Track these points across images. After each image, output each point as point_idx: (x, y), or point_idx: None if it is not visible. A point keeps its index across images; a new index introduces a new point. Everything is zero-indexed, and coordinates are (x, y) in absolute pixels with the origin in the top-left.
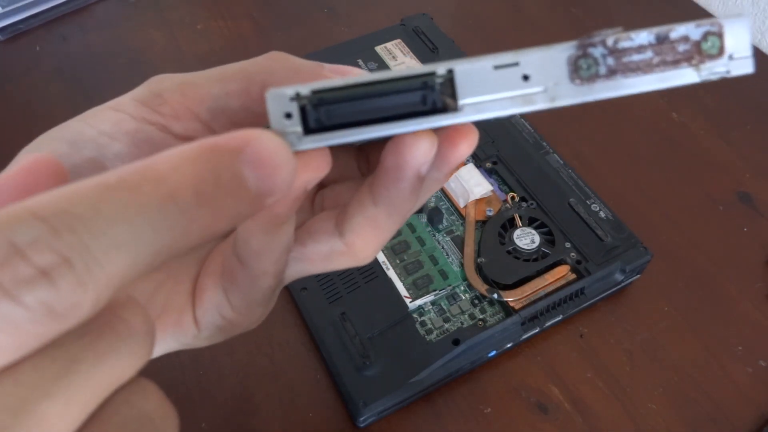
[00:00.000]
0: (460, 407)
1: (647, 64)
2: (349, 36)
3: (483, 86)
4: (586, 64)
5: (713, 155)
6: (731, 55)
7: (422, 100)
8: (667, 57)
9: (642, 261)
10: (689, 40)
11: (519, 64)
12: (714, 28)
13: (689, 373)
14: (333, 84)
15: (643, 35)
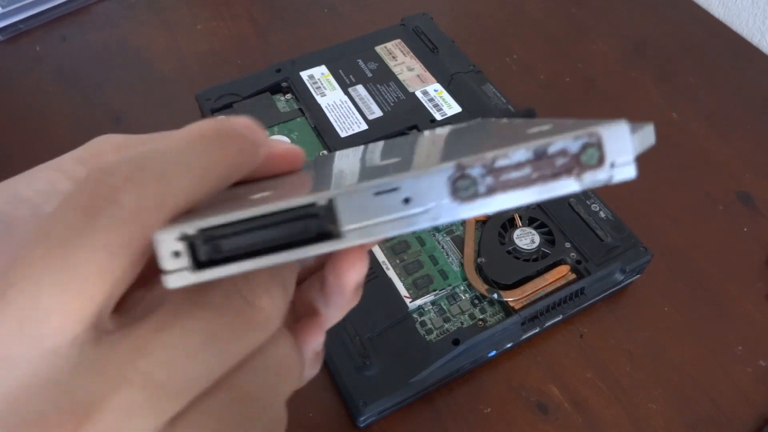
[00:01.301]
0: (460, 407)
1: (526, 179)
2: (349, 36)
3: (365, 212)
4: (465, 185)
5: (713, 155)
6: (613, 162)
7: (306, 229)
8: (545, 172)
9: (642, 261)
10: (568, 154)
11: (399, 189)
12: (592, 140)
13: (689, 373)
14: (219, 221)
15: (520, 153)
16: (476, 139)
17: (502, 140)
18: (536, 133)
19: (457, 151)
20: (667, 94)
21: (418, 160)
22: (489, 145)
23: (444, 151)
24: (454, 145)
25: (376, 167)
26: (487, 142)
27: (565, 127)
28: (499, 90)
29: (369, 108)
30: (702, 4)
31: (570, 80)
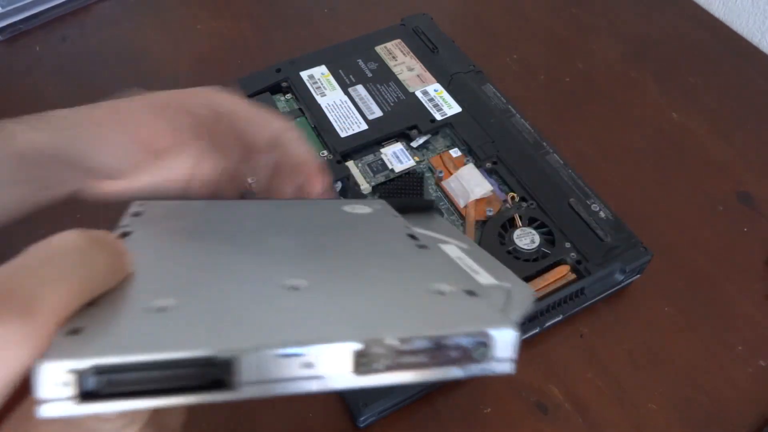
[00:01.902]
0: (460, 407)
1: (419, 364)
2: (349, 36)
3: (265, 371)
4: (367, 360)
5: (713, 155)
6: (497, 359)
7: (203, 378)
8: (439, 360)
9: (642, 261)
10: (461, 348)
11: (304, 355)
12: (485, 340)
13: (689, 373)
14: (115, 361)
15: (423, 342)
16: (379, 291)
17: (406, 300)
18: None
19: (362, 311)
20: (667, 94)
21: (324, 317)
22: (394, 312)
23: (349, 307)
24: (358, 295)
25: (278, 306)
26: (392, 300)
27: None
28: (499, 90)
29: (369, 108)
30: (702, 4)
31: (570, 80)
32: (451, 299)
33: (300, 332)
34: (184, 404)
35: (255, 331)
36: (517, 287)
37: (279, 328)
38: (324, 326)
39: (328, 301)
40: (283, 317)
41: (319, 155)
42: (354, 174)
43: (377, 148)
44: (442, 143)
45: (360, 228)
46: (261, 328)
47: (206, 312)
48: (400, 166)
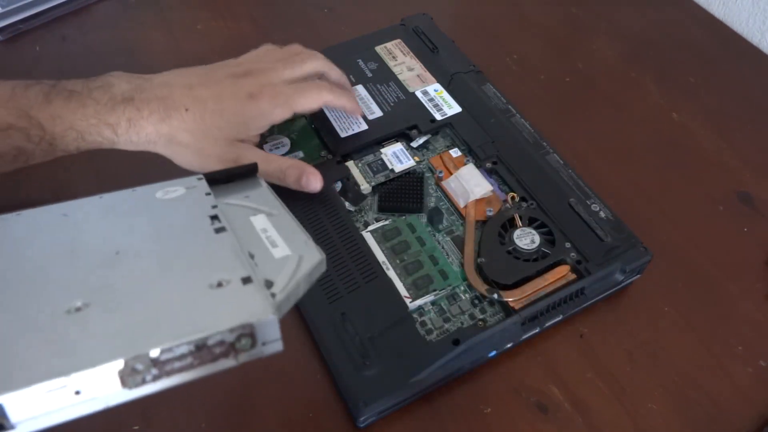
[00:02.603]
0: (460, 407)
1: (188, 366)
2: (349, 36)
3: (36, 406)
4: (133, 377)
5: (713, 155)
6: (264, 342)
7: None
8: (205, 358)
9: (642, 261)
10: (225, 343)
11: (69, 385)
12: (246, 331)
13: (689, 373)
14: None
15: (183, 348)
16: (144, 296)
17: (181, 301)
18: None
19: (132, 324)
20: (667, 94)
21: (93, 339)
22: (164, 319)
23: (121, 322)
24: (135, 306)
25: (51, 336)
26: (167, 304)
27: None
28: (499, 90)
29: (369, 108)
30: (702, 4)
31: (570, 80)
32: (226, 291)
33: (64, 362)
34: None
35: (22, 370)
36: (308, 253)
37: (47, 362)
38: (90, 350)
39: (104, 319)
40: (53, 348)
41: (319, 155)
42: (354, 174)
43: (377, 148)
44: (442, 143)
45: (164, 218)
46: (29, 365)
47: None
48: (400, 166)
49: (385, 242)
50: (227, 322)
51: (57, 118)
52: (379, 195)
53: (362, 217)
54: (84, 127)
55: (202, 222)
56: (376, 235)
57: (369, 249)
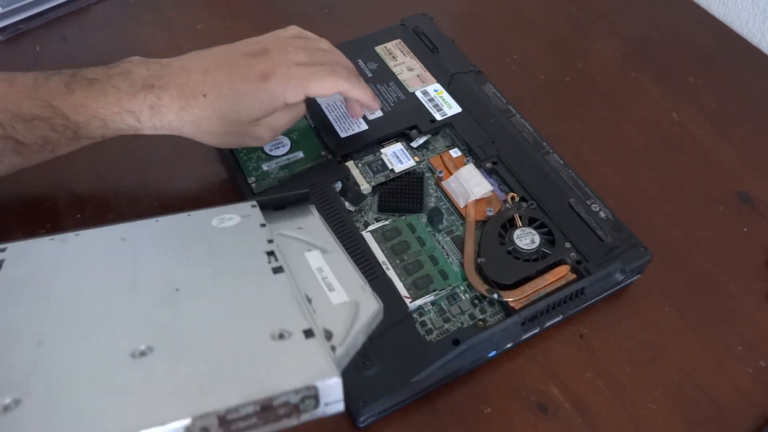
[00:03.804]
0: (460, 407)
1: (253, 425)
2: (349, 36)
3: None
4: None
5: (713, 155)
6: (326, 403)
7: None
8: (269, 418)
9: (642, 261)
10: (289, 405)
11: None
12: (311, 392)
13: (689, 373)
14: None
15: (249, 408)
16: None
17: (244, 354)
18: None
19: (198, 377)
20: (667, 94)
21: (160, 391)
22: (229, 373)
23: (187, 373)
24: (200, 354)
25: (118, 384)
26: (231, 356)
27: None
28: (499, 90)
29: None
30: (702, 4)
31: (570, 80)
32: (289, 344)
33: (135, 419)
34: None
35: (94, 424)
36: (366, 300)
37: (117, 417)
38: (158, 406)
39: (169, 368)
40: (121, 399)
41: (319, 155)
42: (354, 174)
43: (377, 148)
44: (442, 143)
45: (221, 250)
46: (100, 419)
47: (47, 409)
48: (400, 166)
49: (385, 242)
50: (293, 382)
51: (80, 107)
52: (379, 195)
53: (362, 217)
54: (107, 115)
55: (260, 259)
56: (376, 235)
57: (369, 249)
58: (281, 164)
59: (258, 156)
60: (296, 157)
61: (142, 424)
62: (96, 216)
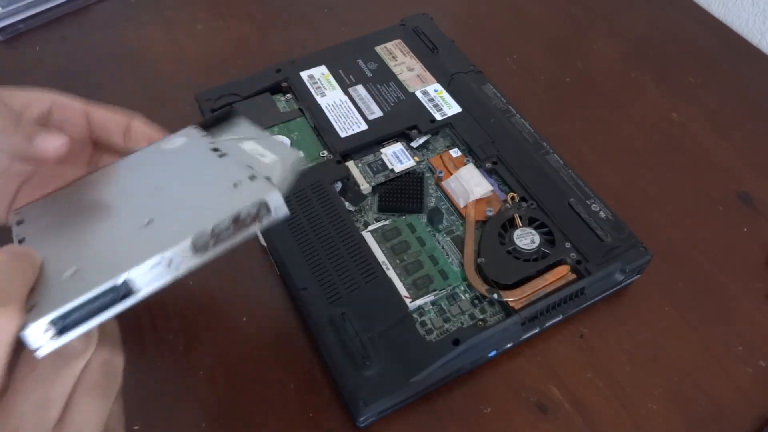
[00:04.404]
0: (460, 407)
1: (232, 233)
2: (349, 36)
3: (149, 276)
4: (201, 244)
5: (713, 155)
6: (275, 208)
7: (116, 296)
8: (241, 226)
9: (642, 261)
10: (251, 214)
11: (166, 257)
12: (263, 204)
13: (689, 373)
14: (69, 307)
15: (226, 221)
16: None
17: (215, 199)
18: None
19: (190, 218)
20: (667, 94)
21: (170, 232)
22: (209, 211)
23: (182, 219)
24: (186, 210)
25: (142, 237)
26: (207, 203)
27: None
28: (499, 90)
29: (369, 108)
30: (702, 4)
31: (570, 80)
32: (242, 187)
33: (161, 244)
34: (113, 315)
35: (135, 257)
36: (288, 155)
37: (146, 251)
38: (170, 237)
39: (170, 222)
40: (145, 244)
41: (319, 155)
42: (354, 174)
43: (377, 148)
44: (442, 143)
45: (179, 159)
46: (138, 255)
47: (99, 262)
48: (400, 166)
49: (385, 242)
50: (250, 200)
51: None
52: (379, 195)
53: (362, 217)
54: None
55: (209, 154)
56: (376, 235)
57: (369, 249)
58: None
59: None
60: None
61: (167, 244)
62: None
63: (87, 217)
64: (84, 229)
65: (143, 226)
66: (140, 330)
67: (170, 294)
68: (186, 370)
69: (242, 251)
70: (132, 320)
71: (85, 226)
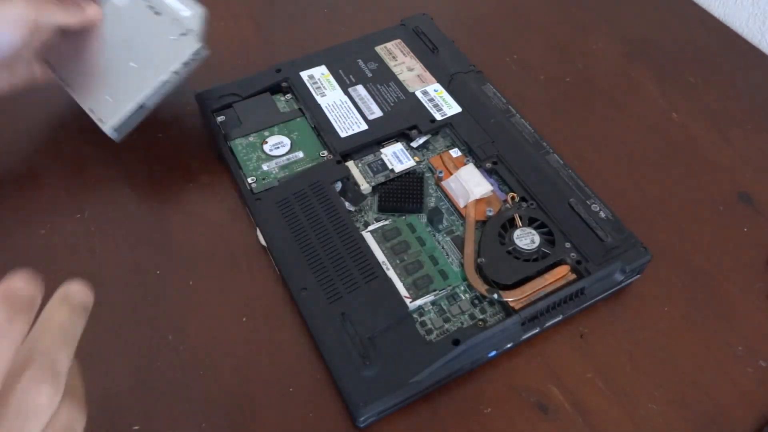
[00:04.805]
0: (460, 407)
1: (183, 73)
2: (349, 36)
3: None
4: (170, 81)
5: (713, 155)
6: (202, 52)
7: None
8: (186, 67)
9: (642, 261)
10: (190, 58)
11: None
12: (196, 50)
13: (689, 373)
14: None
15: (180, 67)
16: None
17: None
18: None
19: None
20: (667, 94)
21: (148, 72)
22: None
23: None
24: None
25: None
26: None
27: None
28: (499, 90)
29: (369, 108)
30: (702, 4)
31: (570, 80)
32: (180, 40)
33: (147, 83)
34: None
35: (142, 86)
36: (198, 10)
37: (142, 86)
38: (151, 78)
39: (147, 68)
40: (140, 82)
41: (319, 155)
42: (354, 174)
43: (377, 148)
44: (442, 143)
45: (131, 17)
46: (142, 85)
47: (123, 88)
48: (400, 166)
49: (385, 242)
50: (189, 50)
51: None
52: (379, 195)
53: (362, 217)
54: None
55: (149, 13)
56: (376, 235)
57: (369, 249)
58: (281, 164)
59: (258, 156)
60: (296, 157)
61: (149, 83)
62: (96, 216)
63: (94, 60)
64: (97, 69)
65: (135, 69)
66: (140, 330)
67: (170, 294)
68: (186, 369)
69: (242, 251)
70: (132, 320)
71: (96, 66)
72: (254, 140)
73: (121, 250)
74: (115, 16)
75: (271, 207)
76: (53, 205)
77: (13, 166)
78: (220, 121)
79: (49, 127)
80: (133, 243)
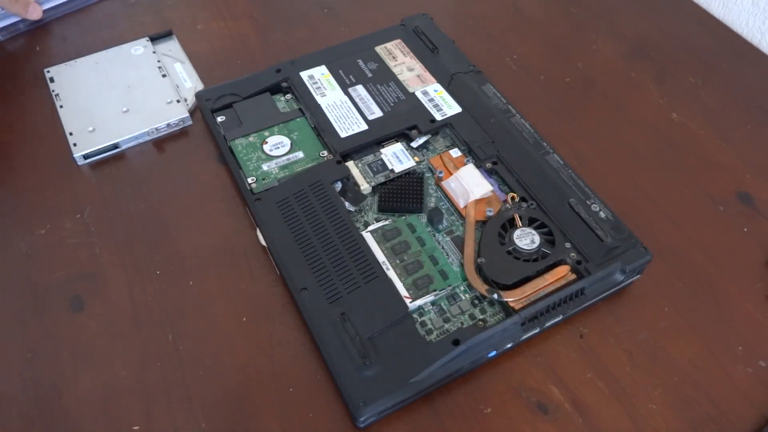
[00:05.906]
0: (460, 407)
1: (166, 129)
2: (349, 36)
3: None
4: (151, 131)
5: (713, 155)
6: (185, 120)
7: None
8: (169, 126)
9: (642, 261)
10: (175, 121)
11: (134, 136)
12: (181, 119)
13: (689, 373)
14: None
15: (164, 125)
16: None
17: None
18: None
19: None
20: (667, 94)
21: (136, 121)
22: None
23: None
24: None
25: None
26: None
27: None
28: (499, 90)
29: (369, 108)
30: (702, 4)
31: (570, 80)
32: (172, 105)
33: (132, 130)
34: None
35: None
36: (197, 87)
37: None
38: (137, 126)
39: (136, 116)
40: (127, 125)
41: (319, 155)
42: (354, 174)
43: (377, 149)
44: (442, 143)
45: (140, 67)
46: (123, 132)
47: (105, 128)
48: (400, 167)
49: (385, 242)
50: (177, 115)
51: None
52: (379, 195)
53: (362, 217)
54: None
55: (156, 72)
56: (376, 235)
57: (369, 249)
58: (281, 164)
59: (258, 156)
60: (296, 157)
61: (133, 131)
62: (95, 216)
63: (94, 92)
64: (93, 101)
65: (125, 112)
66: (139, 330)
67: (170, 294)
68: (185, 370)
69: (242, 251)
70: (131, 320)
71: (94, 98)
72: (254, 140)
73: (121, 251)
74: (128, 61)
75: (271, 207)
76: (53, 205)
77: (14, 165)
78: (220, 121)
79: (49, 127)
80: (133, 243)
